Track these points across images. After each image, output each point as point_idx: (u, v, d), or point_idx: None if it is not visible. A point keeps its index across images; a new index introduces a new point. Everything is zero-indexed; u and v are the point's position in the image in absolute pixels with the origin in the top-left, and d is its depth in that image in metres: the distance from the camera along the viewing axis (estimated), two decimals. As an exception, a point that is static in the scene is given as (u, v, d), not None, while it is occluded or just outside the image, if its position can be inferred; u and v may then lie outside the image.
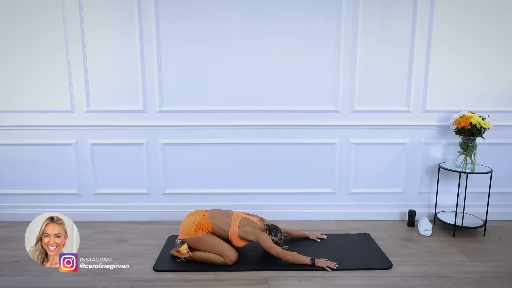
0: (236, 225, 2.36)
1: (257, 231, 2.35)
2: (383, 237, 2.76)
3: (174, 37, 2.84)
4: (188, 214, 2.47)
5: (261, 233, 2.34)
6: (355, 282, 2.15)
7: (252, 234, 2.33)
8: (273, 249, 2.27)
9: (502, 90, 2.94)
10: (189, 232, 2.33)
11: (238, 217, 2.41)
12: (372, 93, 2.94)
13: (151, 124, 2.96)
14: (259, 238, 2.31)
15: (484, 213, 2.88)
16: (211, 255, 2.31)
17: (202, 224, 2.36)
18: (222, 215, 2.43)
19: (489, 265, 2.35)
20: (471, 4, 2.81)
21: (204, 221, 2.37)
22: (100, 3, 2.80)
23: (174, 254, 2.40)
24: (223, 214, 2.43)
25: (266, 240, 2.30)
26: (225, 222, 2.38)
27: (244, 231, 2.34)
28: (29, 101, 2.92)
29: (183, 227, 2.38)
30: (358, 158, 3.05)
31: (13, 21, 2.81)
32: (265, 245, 2.29)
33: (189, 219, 2.41)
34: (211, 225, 2.38)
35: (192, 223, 2.35)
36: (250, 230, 2.34)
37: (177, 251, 2.36)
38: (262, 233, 2.34)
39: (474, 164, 2.80)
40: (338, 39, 2.85)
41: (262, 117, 2.96)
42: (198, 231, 2.32)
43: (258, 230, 2.36)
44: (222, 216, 2.42)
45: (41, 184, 3.06)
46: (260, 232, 2.35)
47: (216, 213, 2.45)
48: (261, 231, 2.37)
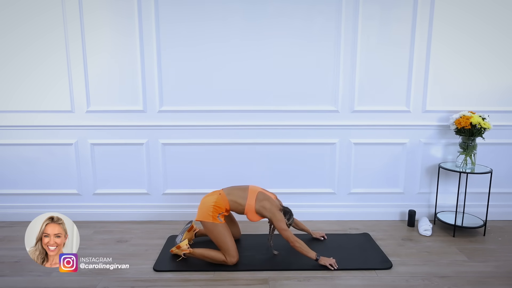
0: (253, 199, 2.33)
1: (275, 208, 2.31)
2: (383, 237, 2.76)
3: (174, 38, 2.84)
4: (205, 195, 2.44)
5: (278, 212, 2.30)
6: (355, 282, 2.15)
7: (269, 211, 2.30)
8: (285, 231, 2.25)
9: (502, 90, 2.94)
10: (206, 215, 2.30)
11: (255, 191, 2.38)
12: (372, 93, 2.94)
13: (151, 124, 2.96)
14: (274, 216, 2.27)
15: (484, 213, 2.88)
16: (212, 252, 2.31)
17: (219, 203, 2.33)
18: (238, 190, 2.40)
19: (489, 265, 2.35)
20: (471, 4, 2.81)
21: (221, 200, 2.34)
22: (100, 3, 2.80)
23: (174, 252, 2.39)
24: (239, 189, 2.41)
25: (281, 222, 2.26)
26: (241, 196, 2.36)
27: (262, 206, 2.31)
28: (29, 101, 2.93)
29: (200, 209, 2.35)
30: (358, 158, 3.05)
31: (13, 21, 2.82)
32: (278, 226, 2.26)
33: (206, 200, 2.37)
34: (228, 202, 2.35)
35: (209, 205, 2.31)
36: (267, 206, 2.31)
37: (177, 246, 2.36)
38: (278, 213, 2.30)
39: (474, 164, 2.80)
40: (338, 39, 2.85)
41: (262, 117, 2.96)
42: (215, 216, 2.29)
43: (276, 208, 2.32)
44: (238, 191, 2.40)
45: (41, 184, 3.07)
46: (277, 210, 2.31)
47: (232, 189, 2.42)
48: (278, 210, 2.33)
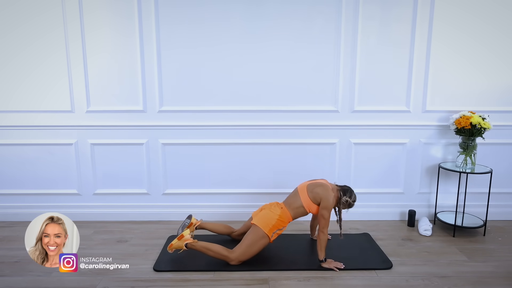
0: (305, 193, 2.35)
1: (328, 192, 2.28)
2: (383, 237, 2.76)
3: (174, 38, 2.84)
4: (267, 205, 2.45)
5: (330, 198, 2.26)
6: (355, 282, 2.15)
7: (321, 196, 2.28)
8: (323, 219, 2.25)
9: (502, 90, 2.94)
10: (266, 224, 2.29)
11: (303, 187, 2.39)
12: (372, 93, 2.94)
13: (151, 124, 2.96)
14: (324, 201, 2.26)
15: (484, 213, 2.88)
16: (215, 246, 2.29)
17: (283, 217, 2.34)
18: (291, 197, 2.42)
19: (489, 265, 2.35)
20: (471, 4, 2.81)
21: (283, 214, 2.35)
22: (100, 3, 2.80)
23: (174, 245, 2.33)
24: (292, 196, 2.43)
25: (325, 210, 2.24)
26: (296, 200, 2.38)
27: (315, 192, 2.31)
28: (29, 101, 2.93)
29: (263, 215, 2.34)
30: (358, 158, 3.05)
31: (13, 21, 2.82)
32: (321, 211, 2.26)
33: (270, 210, 2.36)
34: (290, 214, 2.37)
35: (273, 216, 2.32)
36: (320, 191, 2.30)
37: (179, 237, 2.32)
38: (331, 199, 2.26)
39: (474, 164, 2.80)
40: (338, 39, 2.85)
41: (262, 117, 2.96)
42: (273, 231, 2.30)
43: (329, 192, 2.29)
44: (291, 198, 2.42)
45: (41, 184, 3.06)
46: (330, 195, 2.28)
47: (287, 199, 2.44)
48: (332, 191, 2.31)
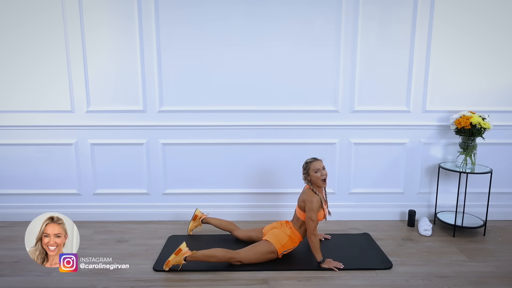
0: (297, 209, 2.41)
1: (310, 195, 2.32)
2: (383, 237, 2.76)
3: (174, 39, 2.84)
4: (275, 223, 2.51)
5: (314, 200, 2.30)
6: (355, 282, 2.15)
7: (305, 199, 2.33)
8: (311, 221, 2.28)
9: (501, 90, 2.94)
10: (277, 241, 2.34)
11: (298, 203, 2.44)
12: (372, 93, 2.94)
13: (151, 124, 2.96)
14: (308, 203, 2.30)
15: (484, 213, 2.88)
16: (218, 252, 2.26)
17: (293, 237, 2.39)
18: (293, 217, 2.47)
19: (489, 265, 2.35)
20: (471, 4, 2.81)
21: (293, 234, 2.40)
22: (100, 4, 2.80)
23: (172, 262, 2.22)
24: (294, 215, 2.47)
25: (311, 211, 2.28)
26: (296, 218, 2.42)
27: (301, 200, 2.37)
28: (29, 101, 2.93)
29: (274, 233, 2.39)
30: (358, 158, 3.05)
31: (13, 21, 2.82)
32: (307, 213, 2.29)
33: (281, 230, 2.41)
34: (299, 234, 2.42)
35: (285, 235, 2.38)
36: (304, 196, 2.35)
37: (177, 252, 2.23)
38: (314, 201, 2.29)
39: (474, 164, 2.80)
40: (338, 40, 2.85)
41: (262, 117, 2.96)
42: (282, 250, 2.34)
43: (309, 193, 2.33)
44: (294, 217, 2.46)
45: (41, 184, 3.06)
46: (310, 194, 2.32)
47: (293, 219, 2.48)
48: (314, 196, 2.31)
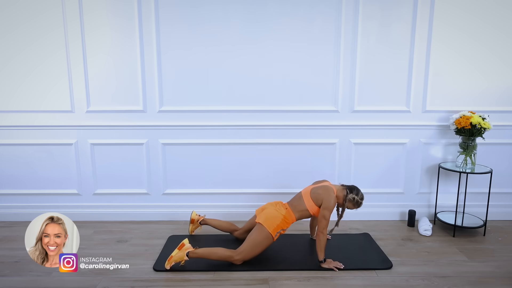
0: (308, 198, 2.37)
1: (329, 193, 2.31)
2: (383, 237, 2.76)
3: (174, 39, 2.84)
4: (271, 203, 2.46)
5: (331, 199, 2.28)
6: (355, 282, 2.15)
7: (322, 197, 2.31)
8: (323, 219, 2.26)
9: (502, 90, 2.94)
10: (270, 224, 2.29)
11: (307, 191, 2.41)
12: (372, 93, 2.94)
13: (151, 124, 2.96)
14: (325, 202, 2.28)
15: (484, 213, 2.88)
16: (218, 250, 2.28)
17: (287, 217, 2.35)
18: (297, 200, 2.44)
19: (489, 265, 2.35)
20: (471, 4, 2.81)
21: (288, 215, 2.36)
22: (100, 3, 2.80)
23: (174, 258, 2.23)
24: (297, 199, 2.44)
25: (326, 210, 2.26)
26: (300, 203, 2.39)
27: (317, 194, 2.34)
28: (29, 101, 2.93)
29: (268, 215, 2.34)
30: (358, 158, 3.05)
31: (13, 21, 2.81)
32: (321, 211, 2.27)
33: (274, 209, 2.37)
34: (294, 216, 2.38)
35: (279, 215, 2.33)
36: (321, 192, 2.33)
37: (179, 247, 2.24)
38: (332, 200, 2.28)
39: (474, 164, 2.80)
40: (338, 39, 2.85)
41: (262, 117, 2.96)
42: (277, 231, 2.30)
43: (330, 194, 2.31)
44: (296, 201, 2.43)
45: (41, 184, 3.06)
46: (331, 196, 2.30)
47: (292, 202, 2.45)
48: (334, 191, 2.33)
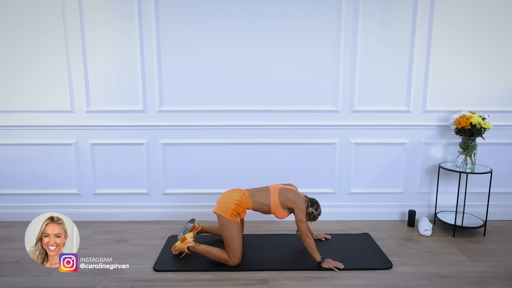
0: (276, 195, 2.36)
1: (298, 198, 2.33)
2: (383, 237, 2.76)
3: (174, 39, 2.84)
4: (227, 191, 2.43)
5: (302, 203, 2.32)
6: (355, 282, 2.15)
7: (292, 200, 2.32)
8: (302, 223, 2.27)
9: (501, 90, 2.94)
10: (226, 211, 2.28)
11: (276, 188, 2.40)
12: (372, 93, 2.94)
13: (151, 124, 2.96)
14: (297, 206, 2.30)
15: (484, 213, 2.88)
16: (216, 250, 2.31)
17: (242, 202, 2.33)
18: (261, 191, 2.42)
19: (489, 265, 2.35)
20: (471, 4, 2.81)
21: (244, 200, 2.34)
22: (100, 3, 2.80)
23: (177, 248, 2.38)
24: (261, 190, 2.43)
25: (301, 212, 2.28)
26: (264, 196, 2.38)
27: (286, 197, 2.34)
28: (29, 101, 2.92)
29: (222, 203, 2.33)
30: (358, 158, 3.05)
31: (13, 21, 2.81)
32: (297, 216, 2.28)
33: (228, 196, 2.36)
34: (250, 203, 2.36)
35: (232, 201, 2.31)
36: (291, 196, 2.34)
37: (182, 239, 2.36)
38: (302, 203, 2.32)
39: (474, 164, 2.80)
40: (338, 39, 2.85)
41: (262, 117, 2.96)
42: (234, 215, 2.29)
43: (299, 198, 2.34)
44: (260, 192, 2.41)
45: (41, 184, 3.06)
46: (300, 200, 2.33)
47: (254, 191, 2.43)
48: (303, 200, 2.35)
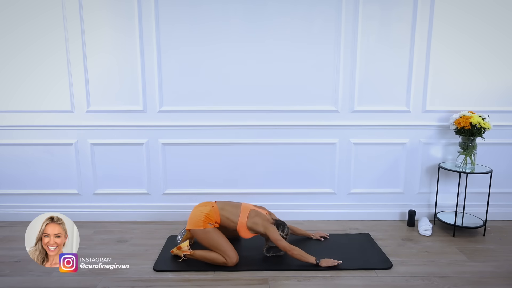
0: (245, 216, 2.36)
1: (267, 223, 2.35)
2: (383, 237, 2.76)
3: (174, 38, 2.84)
4: (197, 205, 2.46)
5: (270, 225, 2.34)
6: (355, 282, 2.15)
7: (261, 226, 2.33)
8: (280, 242, 2.27)
9: (501, 90, 2.94)
10: (197, 223, 2.32)
11: (247, 208, 2.41)
12: (372, 93, 2.94)
13: (151, 124, 2.96)
14: (268, 230, 2.31)
15: (484, 213, 2.88)
16: (212, 254, 2.31)
17: (211, 215, 2.35)
18: (231, 207, 2.42)
19: (489, 265, 2.35)
20: (471, 4, 2.81)
21: (213, 212, 2.36)
22: (100, 3, 2.80)
23: (174, 253, 2.40)
24: (232, 206, 2.43)
25: (275, 233, 2.30)
26: (234, 213, 2.38)
27: (254, 222, 2.35)
28: (29, 101, 2.92)
29: (191, 218, 2.37)
30: (358, 158, 3.05)
31: (13, 21, 2.81)
32: (272, 237, 2.28)
33: (198, 210, 2.40)
34: (219, 216, 2.37)
35: (201, 214, 2.34)
36: (259, 222, 2.34)
37: (178, 247, 2.36)
38: (271, 226, 2.34)
39: (474, 164, 2.80)
40: (338, 39, 2.85)
41: (262, 117, 2.96)
42: (206, 223, 2.32)
43: (267, 222, 2.36)
44: (231, 207, 2.42)
45: (41, 184, 3.06)
46: (269, 224, 2.35)
47: (225, 204, 2.44)
48: (270, 223, 2.37)
